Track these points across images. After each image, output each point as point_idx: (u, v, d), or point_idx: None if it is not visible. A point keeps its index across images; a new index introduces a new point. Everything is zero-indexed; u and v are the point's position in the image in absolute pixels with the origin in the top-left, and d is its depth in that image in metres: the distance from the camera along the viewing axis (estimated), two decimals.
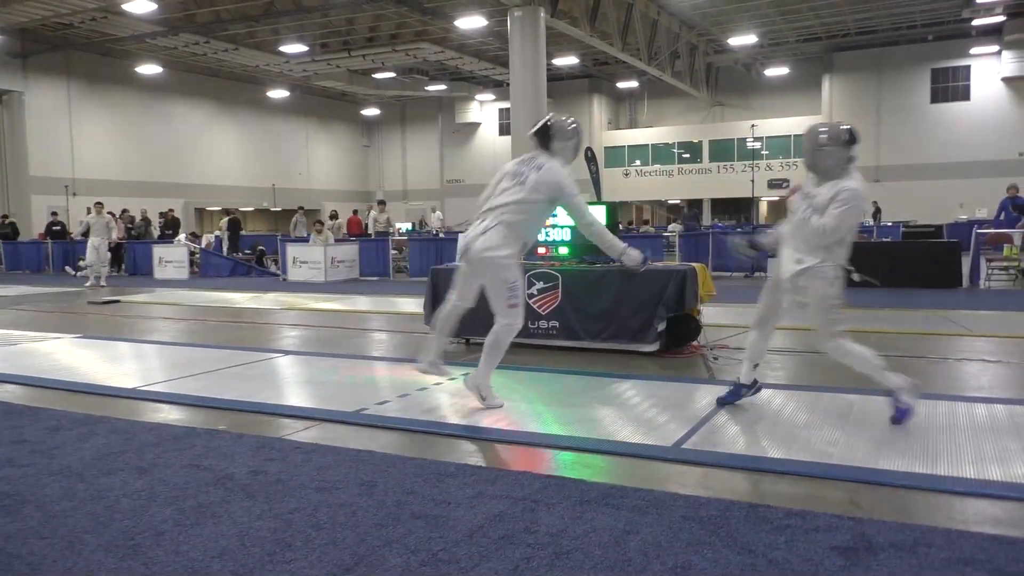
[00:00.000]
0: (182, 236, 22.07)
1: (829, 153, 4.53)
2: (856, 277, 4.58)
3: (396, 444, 4.50)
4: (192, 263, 19.90)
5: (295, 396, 5.89)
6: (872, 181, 32.67)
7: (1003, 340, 7.75)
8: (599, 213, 7.64)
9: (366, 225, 23.23)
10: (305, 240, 19.37)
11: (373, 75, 34.50)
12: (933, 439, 4.32)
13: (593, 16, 23.12)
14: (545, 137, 5.06)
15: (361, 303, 12.75)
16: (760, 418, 4.88)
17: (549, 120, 5.13)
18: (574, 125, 5.14)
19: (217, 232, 23.26)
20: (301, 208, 26.20)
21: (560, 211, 5.45)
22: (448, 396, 5.68)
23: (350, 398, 5.56)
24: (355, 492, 3.63)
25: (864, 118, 33.73)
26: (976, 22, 28.89)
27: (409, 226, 28.32)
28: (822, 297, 4.59)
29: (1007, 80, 31.36)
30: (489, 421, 4.92)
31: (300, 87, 37.15)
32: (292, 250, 18.11)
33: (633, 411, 5.14)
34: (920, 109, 33.02)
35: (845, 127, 4.57)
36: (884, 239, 16.47)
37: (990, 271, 13.31)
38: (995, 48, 30.91)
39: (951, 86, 32.68)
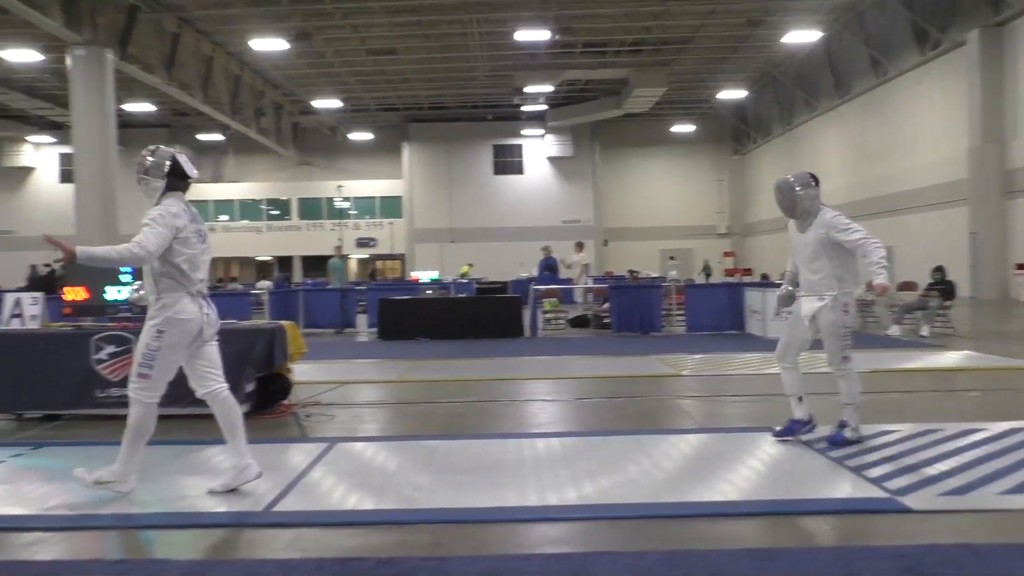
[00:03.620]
0: None
1: (804, 196, 5.31)
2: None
3: None
4: None
5: None
6: (448, 242, 35.78)
7: (556, 381, 8.95)
8: None
9: None
10: None
11: None
12: (504, 474, 4.80)
13: (170, 64, 21.96)
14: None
15: None
16: (354, 471, 4.97)
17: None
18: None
19: None
20: None
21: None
22: None
23: None
24: None
25: (439, 184, 36.97)
26: (525, 108, 33.65)
27: None
28: (834, 326, 5.21)
29: (551, 159, 36.94)
30: (49, 507, 4.27)
31: None
32: None
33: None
34: (484, 179, 37.17)
35: (808, 172, 5.48)
36: (460, 295, 18.03)
37: (545, 322, 15.34)
38: (540, 131, 36.24)
39: (509, 161, 37.43)
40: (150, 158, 4.41)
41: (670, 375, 9.30)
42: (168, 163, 4.40)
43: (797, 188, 5.33)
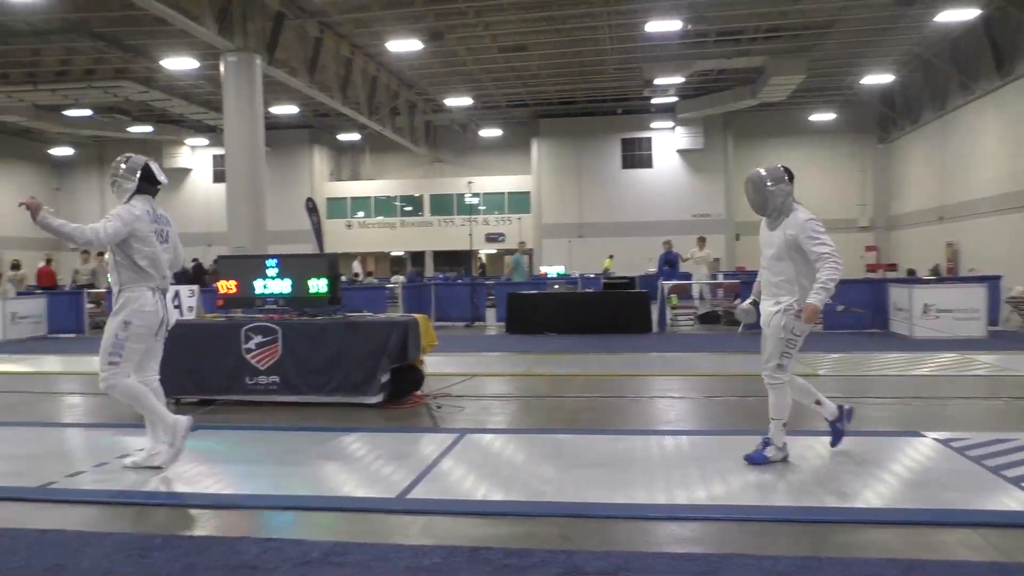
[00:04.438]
0: None
1: (777, 192, 4.87)
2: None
3: (92, 519, 4.03)
4: None
5: None
6: (576, 237, 35.76)
7: (685, 378, 8.78)
8: (321, 264, 7.57)
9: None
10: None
11: (64, 112, 31.22)
12: (631, 470, 4.76)
13: (312, 67, 23.00)
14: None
15: (49, 363, 11.33)
16: (483, 462, 5.06)
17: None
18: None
19: None
20: (100, 254, 20.98)
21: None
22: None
23: (34, 471, 4.90)
24: None
25: (568, 179, 36.98)
26: (655, 100, 33.09)
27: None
28: (782, 328, 4.80)
29: (681, 152, 36.18)
30: (203, 486, 4.59)
31: None
32: None
33: (357, 464, 5.09)
34: (613, 173, 36.84)
35: (781, 166, 5.01)
36: (587, 290, 17.98)
37: (674, 317, 15.07)
38: (670, 124, 35.56)
39: (637, 154, 36.93)
40: (124, 164, 4.91)
41: (805, 374, 8.92)
42: (139, 169, 4.88)
43: (768, 184, 4.90)
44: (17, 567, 3.33)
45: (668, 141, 36.33)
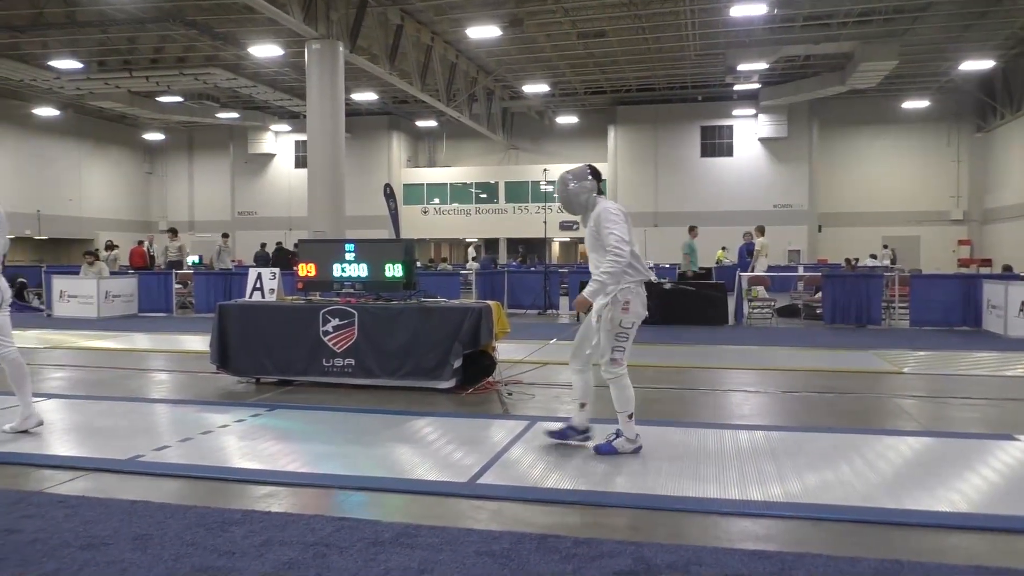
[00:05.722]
0: None
1: (578, 190, 5.03)
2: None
3: (176, 493, 4.20)
4: None
5: (59, 444, 5.33)
6: (651, 226, 35.30)
7: (761, 372, 8.59)
8: (397, 250, 7.68)
9: (152, 256, 21.63)
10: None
11: (157, 98, 32.46)
12: (703, 464, 4.69)
13: (393, 55, 23.29)
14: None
15: (139, 341, 11.83)
16: (553, 449, 5.06)
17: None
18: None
19: None
20: (225, 235, 23.09)
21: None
22: (236, 439, 5.40)
23: (124, 445, 5.13)
24: (127, 548, 3.35)
25: (644, 167, 36.51)
26: (737, 87, 32.29)
27: (196, 259, 26.65)
28: (609, 322, 4.85)
29: (763, 140, 35.27)
30: (281, 464, 4.73)
31: (73, 106, 34.15)
32: (59, 283, 16.51)
33: (429, 448, 5.15)
34: (691, 162, 36.20)
35: (587, 165, 5.17)
36: (661, 280, 17.69)
37: (751, 310, 14.75)
38: (752, 111, 34.68)
39: (717, 143, 36.17)
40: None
41: (889, 371, 8.63)
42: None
43: (571, 183, 4.99)
44: (108, 535, 3.49)
45: (750, 129, 35.48)
